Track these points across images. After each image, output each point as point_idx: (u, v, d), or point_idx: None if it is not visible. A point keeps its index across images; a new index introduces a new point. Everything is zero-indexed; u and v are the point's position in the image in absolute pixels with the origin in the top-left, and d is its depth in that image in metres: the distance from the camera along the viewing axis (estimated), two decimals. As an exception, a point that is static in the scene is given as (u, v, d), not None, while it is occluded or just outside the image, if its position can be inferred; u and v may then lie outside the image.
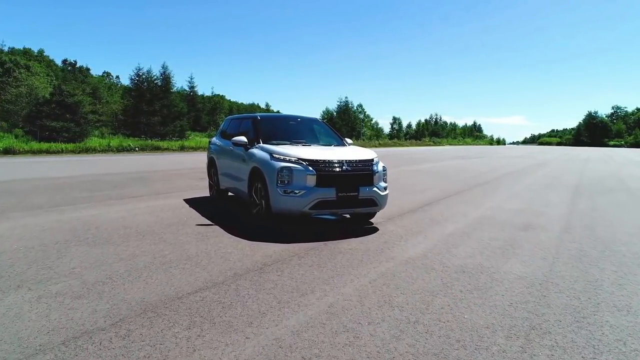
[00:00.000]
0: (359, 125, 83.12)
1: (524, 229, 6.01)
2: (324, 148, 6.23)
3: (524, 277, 3.93)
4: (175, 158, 22.93)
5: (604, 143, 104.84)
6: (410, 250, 4.75)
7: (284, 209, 5.35)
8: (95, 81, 69.55)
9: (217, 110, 65.10)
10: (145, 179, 11.48)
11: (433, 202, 8.34)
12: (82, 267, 3.94)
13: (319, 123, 7.51)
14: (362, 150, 6.23)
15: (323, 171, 5.29)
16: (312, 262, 4.24)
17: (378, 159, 5.93)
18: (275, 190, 5.32)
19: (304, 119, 7.46)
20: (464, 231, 5.81)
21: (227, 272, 3.89)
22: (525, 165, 21.42)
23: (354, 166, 5.48)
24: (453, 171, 16.47)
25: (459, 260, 4.40)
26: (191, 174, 12.80)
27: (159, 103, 44.84)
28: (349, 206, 5.45)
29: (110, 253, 4.40)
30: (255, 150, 6.07)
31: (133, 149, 35.58)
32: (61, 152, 31.47)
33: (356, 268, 4.08)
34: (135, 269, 3.91)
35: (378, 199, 5.64)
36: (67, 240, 4.91)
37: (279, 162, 5.43)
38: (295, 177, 5.28)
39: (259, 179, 5.72)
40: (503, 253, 4.74)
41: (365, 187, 5.48)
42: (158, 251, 4.50)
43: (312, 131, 7.19)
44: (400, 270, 4.05)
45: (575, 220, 6.84)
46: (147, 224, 5.84)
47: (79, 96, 39.23)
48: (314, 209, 5.26)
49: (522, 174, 15.92)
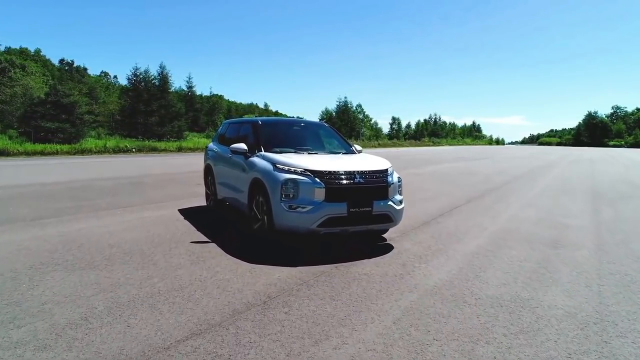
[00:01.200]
0: (358, 126, 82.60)
1: (554, 247, 5.44)
2: (332, 157, 5.65)
3: (573, 313, 3.36)
4: (171, 161, 22.34)
5: (604, 143, 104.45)
6: (434, 276, 4.17)
7: (289, 226, 4.77)
8: (93, 81, 68.80)
9: (215, 111, 64.38)
10: (138, 184, 10.88)
11: (446, 212, 7.77)
12: (54, 301, 3.36)
13: (325, 128, 6.91)
14: (374, 158, 5.64)
15: (333, 184, 4.71)
16: (323, 293, 3.66)
17: (392, 168, 5.35)
18: (279, 205, 4.74)
19: (308, 124, 6.88)
20: (488, 249, 5.24)
21: (225, 308, 3.30)
22: (531, 167, 20.87)
23: (367, 178, 4.89)
24: (459, 175, 15.91)
25: (492, 290, 3.82)
26: (187, 179, 12.20)
27: (157, 103, 44.17)
28: (362, 223, 4.86)
29: (90, 281, 3.81)
30: (256, 159, 5.48)
31: (130, 150, 34.99)
32: (56, 153, 30.85)
33: (375, 301, 3.50)
34: (117, 304, 3.33)
35: (394, 215, 5.05)
36: (44, 263, 4.32)
37: (283, 173, 4.85)
38: (301, 191, 4.70)
39: (261, 192, 5.13)
40: (539, 279, 4.16)
41: (379, 201, 4.90)
42: (146, 278, 3.92)
43: (317, 137, 6.60)
44: (427, 304, 3.47)
45: (606, 234, 6.27)
46: (136, 241, 5.25)
47: (74, 96, 38.49)
48: (322, 226, 4.67)
49: (531, 177, 15.36)
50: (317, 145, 6.33)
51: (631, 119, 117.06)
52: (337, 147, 6.40)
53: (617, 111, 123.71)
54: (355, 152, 6.17)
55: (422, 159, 27.38)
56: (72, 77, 65.69)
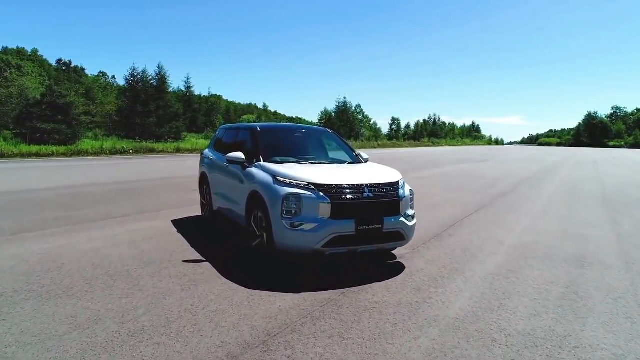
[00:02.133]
0: (358, 126, 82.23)
1: (579, 265, 4.99)
2: (338, 167, 5.20)
3: (621, 356, 2.91)
4: (168, 164, 21.89)
5: (604, 144, 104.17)
6: (454, 304, 3.72)
7: (291, 246, 4.32)
8: (90, 81, 68.19)
9: (214, 111, 63.86)
10: (132, 191, 10.42)
11: (456, 222, 7.33)
12: (20, 343, 2.90)
13: (329, 135, 6.45)
14: (383, 169, 5.19)
15: (340, 199, 4.26)
16: (331, 328, 3.21)
17: (403, 180, 4.91)
18: (280, 223, 4.28)
19: (311, 130, 6.42)
20: (508, 269, 4.79)
21: (218, 350, 2.85)
22: (535, 170, 20.43)
23: (378, 191, 4.44)
24: (464, 178, 15.46)
25: (522, 323, 3.37)
26: (183, 184, 11.73)
27: (155, 104, 43.67)
28: (371, 242, 4.41)
29: (66, 314, 3.36)
30: (254, 169, 5.02)
31: (127, 151, 34.54)
32: (52, 155, 30.39)
33: (391, 340, 3.05)
34: (92, 345, 2.87)
35: (406, 232, 4.60)
36: (17, 290, 3.86)
37: (284, 187, 4.40)
38: (304, 207, 4.24)
39: (259, 206, 4.68)
40: (572, 308, 3.71)
41: (390, 217, 4.45)
42: (129, 310, 3.46)
43: (321, 145, 6.14)
44: (451, 344, 3.01)
45: (632, 249, 5.82)
46: (123, 260, 4.79)
47: (71, 97, 38.01)
48: (328, 246, 4.22)
49: (538, 181, 14.92)
50: (320, 153, 5.87)
51: (631, 119, 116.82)
52: (342, 155, 5.94)
53: (616, 111, 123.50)
54: (361, 161, 5.71)
55: (424, 161, 26.95)
56: (70, 77, 65.10)
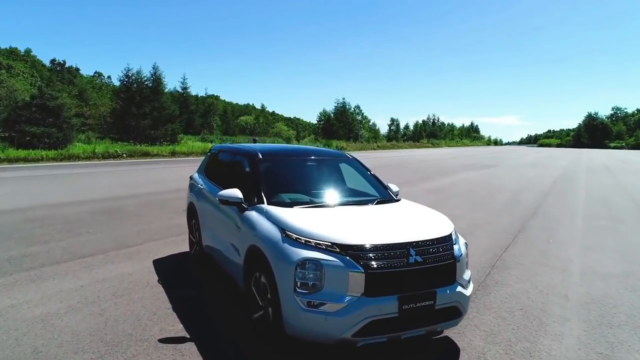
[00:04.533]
0: (356, 127, 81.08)
1: (689, 343, 3.75)
2: (366, 211, 3.90)
3: None
4: (160, 173, 20.56)
5: (605, 145, 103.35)
6: None
7: (308, 333, 3.07)
8: (85, 82, 66.75)
9: (210, 113, 62.44)
10: (114, 212, 9.12)
11: (497, 260, 6.10)
12: None
13: (349, 161, 5.02)
14: (427, 214, 3.91)
15: (377, 267, 3.01)
16: None
17: (454, 228, 3.66)
18: (292, 300, 3.04)
19: (325, 155, 5.06)
20: (597, 350, 3.55)
21: None
22: (551, 179, 19.22)
23: (427, 252, 3.19)
24: (481, 192, 14.21)
25: None
26: (174, 202, 10.41)
27: (150, 105, 42.35)
28: (420, 324, 3.15)
29: None
30: (255, 215, 3.74)
31: (120, 155, 33.28)
32: (41, 159, 29.13)
33: None
34: None
35: (463, 305, 3.36)
36: None
37: (297, 247, 3.14)
38: (328, 279, 3.00)
39: (262, 268, 3.42)
40: None
41: (445, 287, 3.21)
42: None
43: (338, 175, 4.80)
44: None
45: None
46: (77, 339, 3.53)
47: (62, 99, 36.66)
48: (361, 335, 2.97)
49: (561, 195, 13.71)
50: (338, 186, 4.55)
51: (631, 120, 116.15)
52: (366, 187, 4.66)
53: (617, 112, 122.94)
54: (393, 198, 4.43)
55: (431, 167, 25.68)
56: (63, 77, 63.63)
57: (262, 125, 69.26)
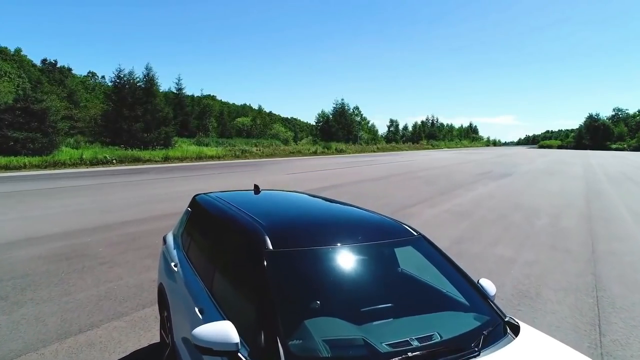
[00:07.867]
0: (355, 129, 79.39)
1: None
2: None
3: None
4: (147, 188, 18.68)
5: (606, 146, 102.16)
6: None
7: None
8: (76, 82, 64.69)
9: (206, 114, 60.49)
10: (76, 257, 7.23)
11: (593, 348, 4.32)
12: None
13: (420, 245, 2.85)
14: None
15: None
16: None
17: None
18: None
19: (380, 234, 2.85)
20: None
21: None
22: (580, 193, 17.53)
23: None
24: (514, 214, 12.40)
25: None
26: (155, 235, 8.44)
27: (142, 107, 40.42)
28: None
29: None
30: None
31: (110, 161, 31.42)
32: (24, 167, 27.30)
33: None
34: None
35: None
36: None
37: None
38: None
39: None
40: None
41: None
42: None
43: (404, 282, 2.88)
44: None
45: None
46: None
47: (49, 101, 34.70)
48: None
49: (610, 222, 11.99)
50: (409, 306, 2.59)
51: (633, 121, 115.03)
52: (452, 304, 2.67)
53: (618, 113, 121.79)
54: (505, 328, 2.38)
55: (441, 176, 23.87)
56: (54, 78, 61.50)
57: (259, 127, 67.36)
